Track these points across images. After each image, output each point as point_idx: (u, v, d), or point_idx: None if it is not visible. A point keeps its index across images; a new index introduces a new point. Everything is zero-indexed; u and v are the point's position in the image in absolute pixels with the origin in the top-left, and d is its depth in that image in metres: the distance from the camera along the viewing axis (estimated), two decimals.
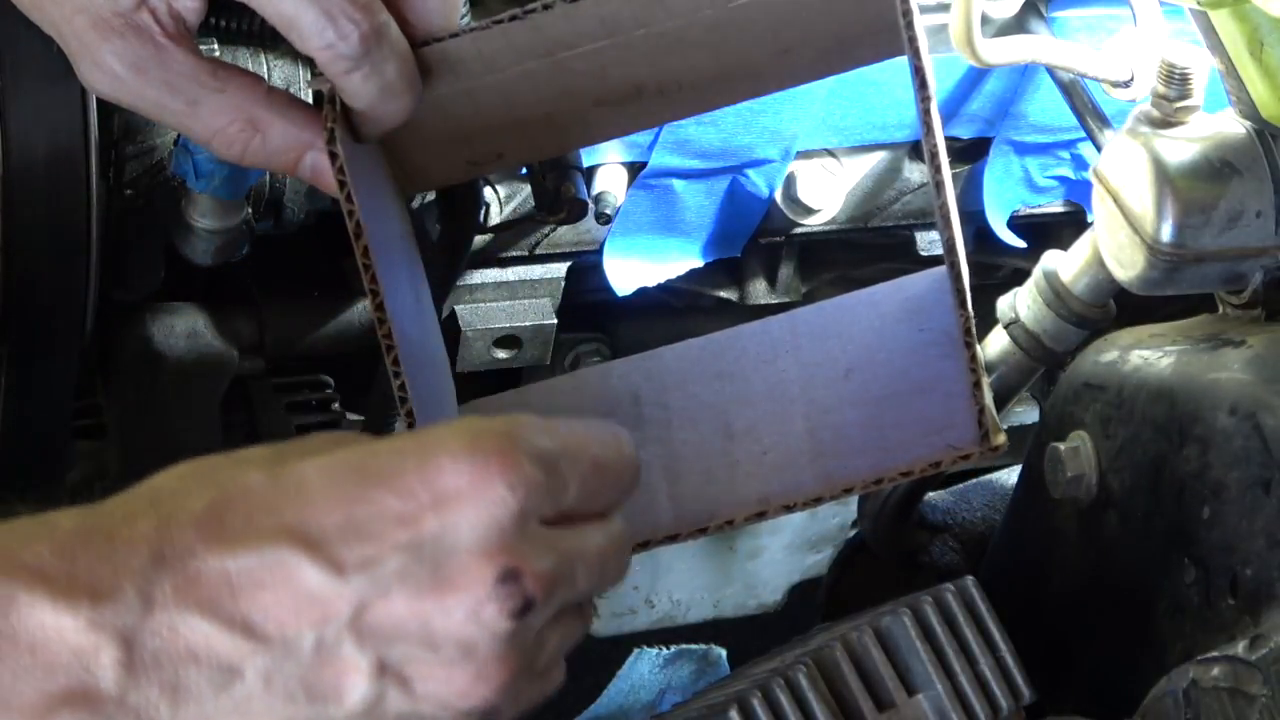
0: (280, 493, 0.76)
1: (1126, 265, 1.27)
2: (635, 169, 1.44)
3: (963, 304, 0.96)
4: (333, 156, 0.93)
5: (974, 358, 0.97)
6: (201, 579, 0.74)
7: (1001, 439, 0.98)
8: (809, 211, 1.49)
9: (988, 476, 1.60)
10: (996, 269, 1.61)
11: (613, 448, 0.84)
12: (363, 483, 0.77)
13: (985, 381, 0.97)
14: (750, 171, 1.45)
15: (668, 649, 2.12)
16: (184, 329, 1.45)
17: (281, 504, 0.76)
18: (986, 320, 1.35)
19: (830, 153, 1.49)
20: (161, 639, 0.74)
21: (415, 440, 0.78)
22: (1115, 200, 1.27)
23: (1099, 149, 1.37)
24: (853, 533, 1.75)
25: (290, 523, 0.76)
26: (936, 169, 0.95)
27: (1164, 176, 1.23)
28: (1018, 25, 1.40)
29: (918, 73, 0.94)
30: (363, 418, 1.50)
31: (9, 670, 0.72)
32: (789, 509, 0.99)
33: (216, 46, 1.30)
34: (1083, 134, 1.42)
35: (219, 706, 0.75)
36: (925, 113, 0.94)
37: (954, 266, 0.96)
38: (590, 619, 0.85)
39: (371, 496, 0.76)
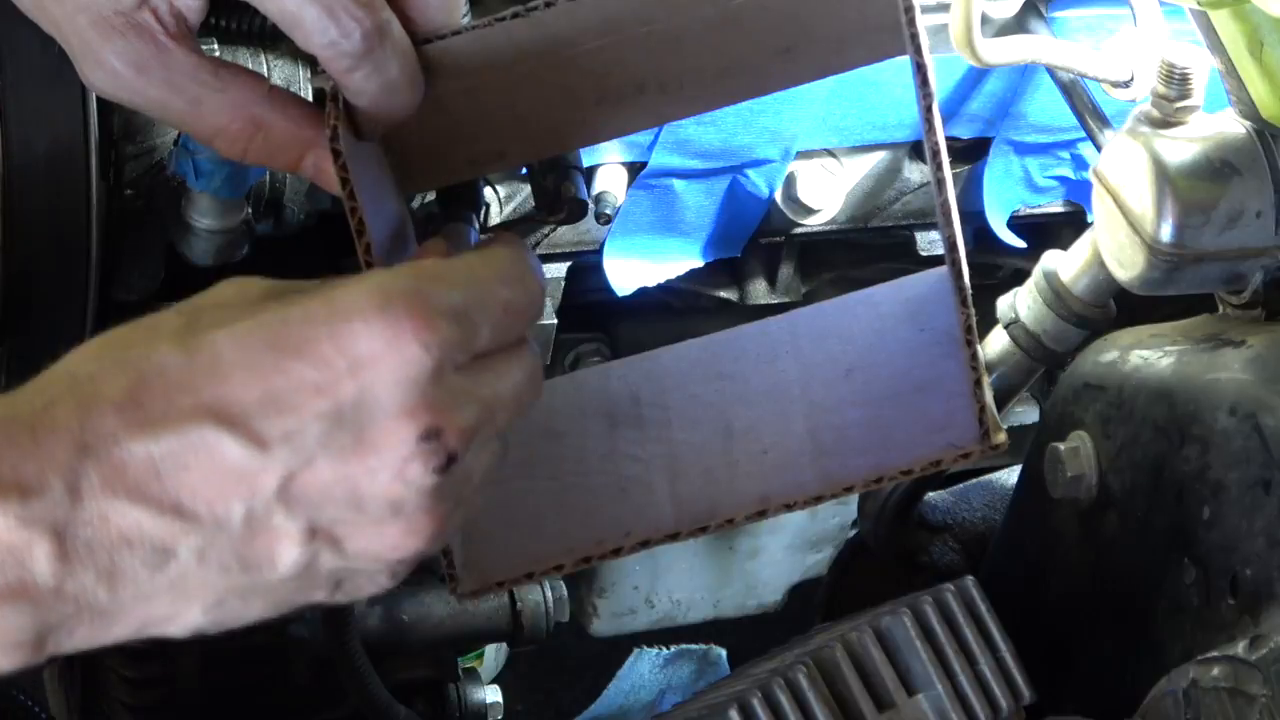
0: (196, 370, 0.77)
1: (1126, 265, 1.27)
2: (635, 169, 1.44)
3: (964, 302, 0.96)
4: (335, 154, 0.93)
5: (975, 356, 0.97)
6: (127, 465, 0.75)
7: (1002, 437, 0.98)
8: (809, 211, 1.49)
9: (988, 476, 1.60)
10: (996, 269, 1.61)
11: (519, 283, 0.85)
12: (278, 354, 0.77)
13: (986, 380, 0.97)
14: (750, 171, 1.45)
15: (668, 649, 2.13)
16: None
17: (199, 382, 0.77)
18: (986, 320, 1.35)
19: (830, 153, 1.49)
20: (93, 528, 0.75)
21: (326, 305, 0.78)
22: (1115, 200, 1.27)
23: (1099, 149, 1.37)
24: (853, 533, 1.75)
25: (209, 401, 0.76)
26: (938, 166, 0.95)
27: (1164, 176, 1.23)
28: (1018, 25, 1.40)
29: (919, 69, 0.94)
30: None
31: None
32: (789, 507, 0.99)
33: (216, 46, 1.30)
34: (1083, 134, 1.42)
35: (155, 585, 0.77)
36: (927, 110, 0.94)
37: (955, 264, 0.96)
38: (508, 443, 0.86)
39: (288, 367, 0.77)
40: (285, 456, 0.77)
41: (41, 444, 0.75)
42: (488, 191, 1.41)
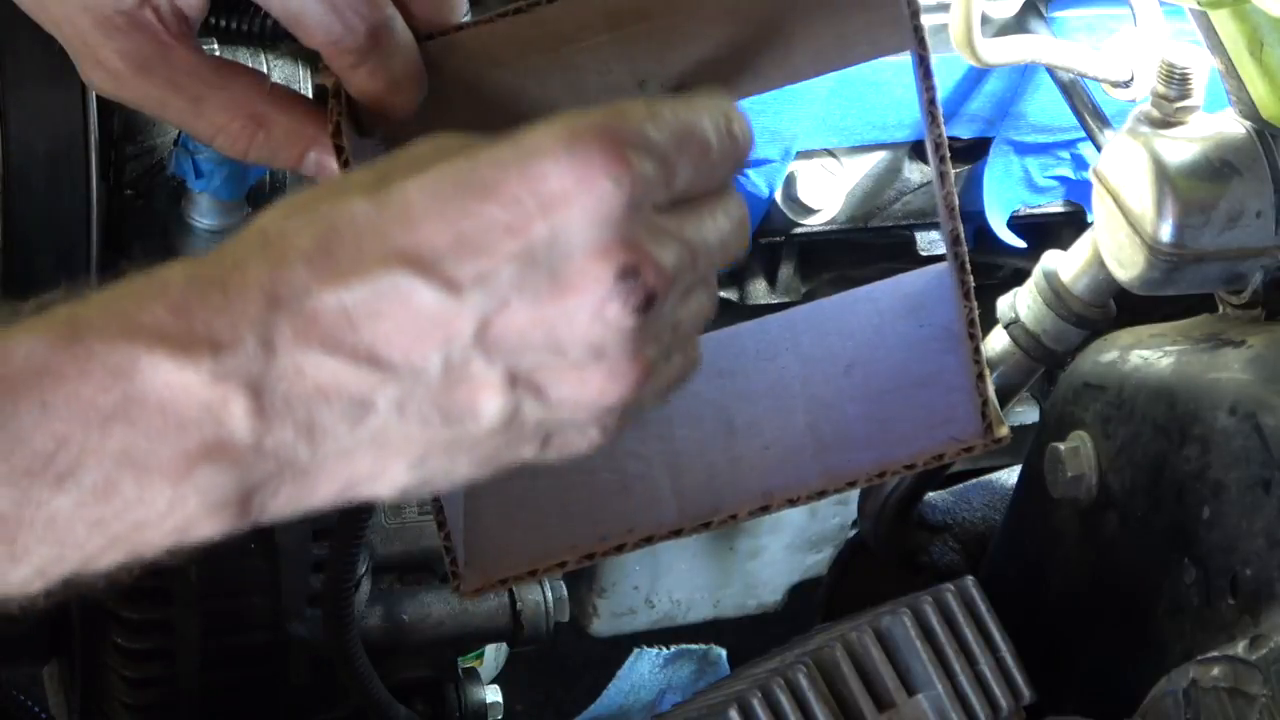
0: (386, 218, 0.75)
1: (1126, 265, 1.27)
2: None
3: (967, 295, 0.96)
4: (338, 150, 0.93)
5: (977, 350, 0.97)
6: (319, 316, 0.73)
7: (1004, 430, 0.98)
8: (809, 211, 1.49)
9: (988, 476, 1.60)
10: (996, 269, 1.61)
11: (723, 124, 0.81)
12: (467, 197, 0.75)
13: (988, 374, 0.97)
14: (750, 171, 1.45)
15: (668, 649, 2.13)
16: None
17: (388, 229, 0.74)
18: (986, 320, 1.35)
19: (830, 153, 1.49)
20: (288, 381, 0.73)
21: (514, 146, 0.76)
22: (1115, 200, 1.27)
23: (1099, 149, 1.37)
24: (853, 533, 1.75)
25: (400, 247, 0.74)
26: (940, 160, 0.95)
27: (1164, 176, 1.23)
28: (1018, 25, 1.40)
29: (922, 62, 0.94)
30: None
31: (142, 433, 0.72)
32: (792, 502, 0.99)
33: (216, 46, 1.30)
34: (1083, 134, 1.42)
35: (357, 439, 0.75)
36: (929, 103, 0.94)
37: (958, 258, 0.96)
38: (716, 293, 0.83)
39: (477, 210, 0.74)
40: (479, 300, 0.74)
41: (232, 300, 0.73)
42: None
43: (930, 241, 1.55)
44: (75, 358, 0.71)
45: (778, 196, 1.48)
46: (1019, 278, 1.45)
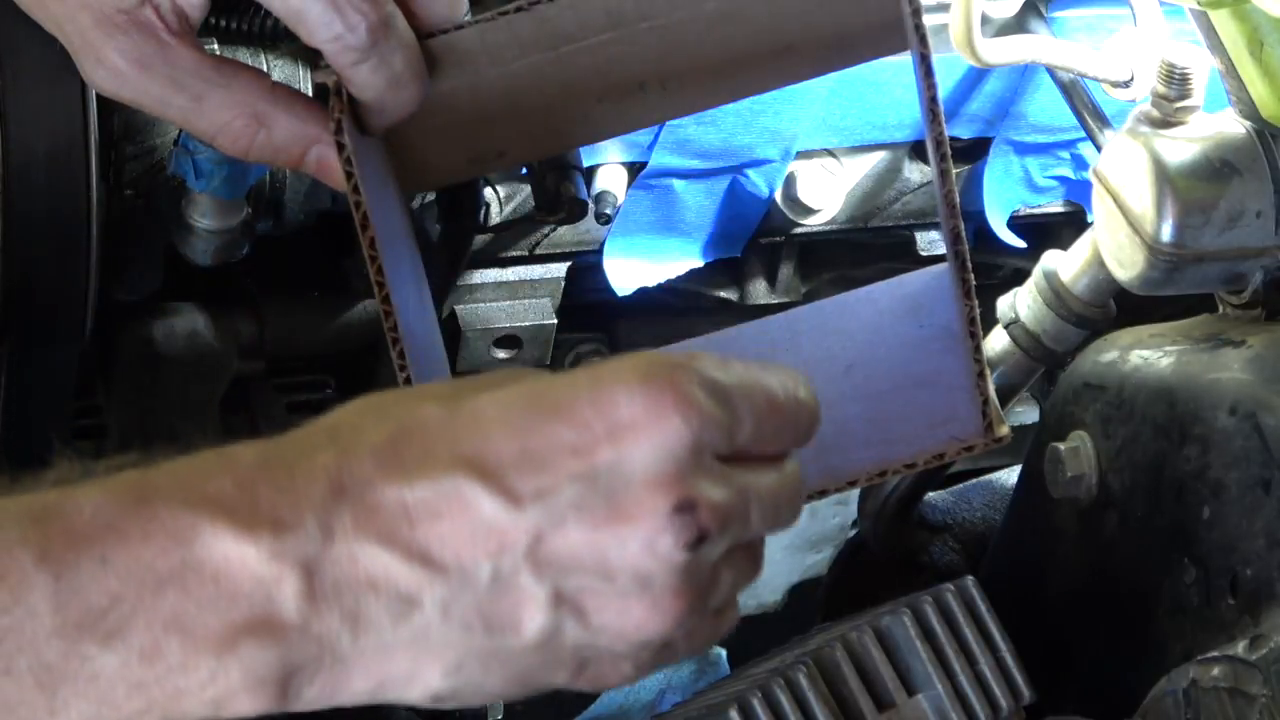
0: (457, 425, 0.76)
1: (1126, 265, 1.27)
2: (635, 169, 1.44)
3: (967, 294, 0.96)
4: (340, 148, 0.93)
5: (977, 349, 0.97)
6: (380, 509, 0.74)
7: (1005, 429, 0.98)
8: (809, 211, 1.49)
9: (988, 476, 1.60)
10: (996, 269, 1.61)
11: (790, 389, 0.83)
12: (538, 414, 0.76)
13: (988, 373, 0.97)
14: (750, 171, 1.45)
15: None
16: (184, 329, 1.45)
17: (458, 435, 0.76)
18: (986, 320, 1.35)
19: (830, 153, 1.49)
20: (341, 568, 0.74)
21: (589, 373, 0.78)
22: (1115, 200, 1.27)
23: (1099, 149, 1.37)
24: (853, 533, 1.75)
25: (466, 453, 0.75)
26: (941, 158, 0.95)
27: (1164, 176, 1.23)
28: (1018, 25, 1.40)
29: (923, 60, 0.94)
30: None
31: (193, 600, 0.73)
32: None
33: (216, 46, 1.30)
34: (1083, 134, 1.42)
35: (398, 636, 0.75)
36: (931, 101, 0.94)
37: (958, 256, 0.96)
38: (761, 561, 0.84)
39: (546, 428, 0.76)
40: (537, 515, 0.75)
41: (298, 483, 0.74)
42: (488, 191, 1.41)
43: (930, 241, 1.55)
44: (140, 519, 0.73)
45: (778, 196, 1.48)
46: (1019, 278, 1.45)
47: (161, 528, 0.73)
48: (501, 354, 1.48)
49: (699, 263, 1.51)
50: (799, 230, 1.51)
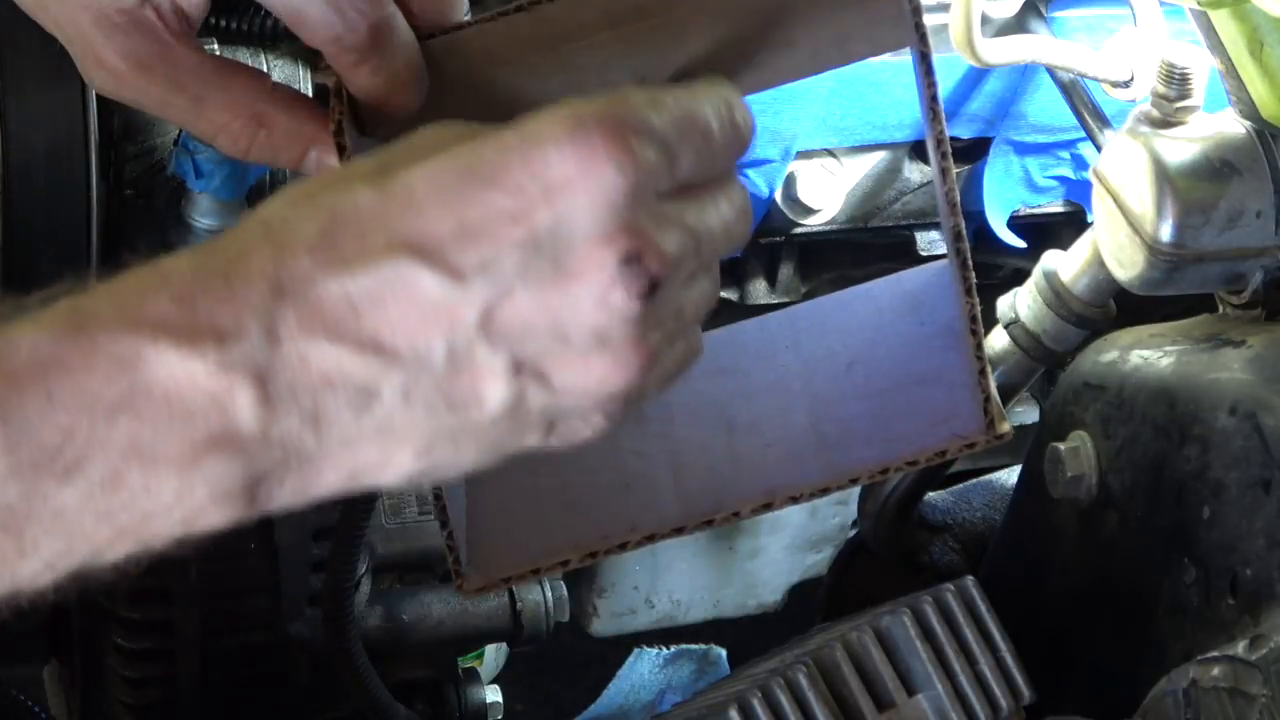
0: (389, 206, 0.75)
1: (1126, 265, 1.27)
2: None
3: (969, 291, 0.96)
4: (340, 149, 0.93)
5: (979, 346, 0.97)
6: (323, 305, 0.73)
7: (1007, 427, 0.98)
8: (809, 211, 1.49)
9: (988, 476, 1.60)
10: (996, 269, 1.61)
11: (724, 109, 0.82)
12: (470, 184, 0.75)
13: (990, 370, 0.97)
14: (750, 171, 1.45)
15: (668, 649, 2.13)
16: None
17: (392, 218, 0.75)
18: (987, 320, 1.35)
19: (830, 153, 1.49)
20: (293, 370, 0.73)
21: (517, 133, 0.76)
22: (1115, 200, 1.27)
23: (1099, 149, 1.37)
24: (853, 533, 1.75)
25: (403, 235, 0.74)
26: (942, 155, 0.95)
27: (1164, 176, 1.23)
28: (1018, 25, 1.40)
29: (923, 58, 0.94)
30: None
31: (149, 425, 0.72)
32: (795, 499, 0.98)
33: (216, 46, 1.30)
34: (1083, 134, 1.42)
35: (362, 428, 0.75)
36: (931, 99, 0.94)
37: (959, 254, 0.96)
38: (718, 281, 0.84)
39: (481, 198, 0.75)
40: (483, 288, 0.74)
41: (236, 289, 0.73)
42: None
43: (930, 241, 1.55)
44: (80, 349, 0.72)
45: (778, 196, 1.48)
46: (1019, 278, 1.45)
47: (104, 355, 0.72)
48: None
49: None
50: (799, 230, 1.51)
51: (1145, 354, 1.29)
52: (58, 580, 0.74)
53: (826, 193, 1.49)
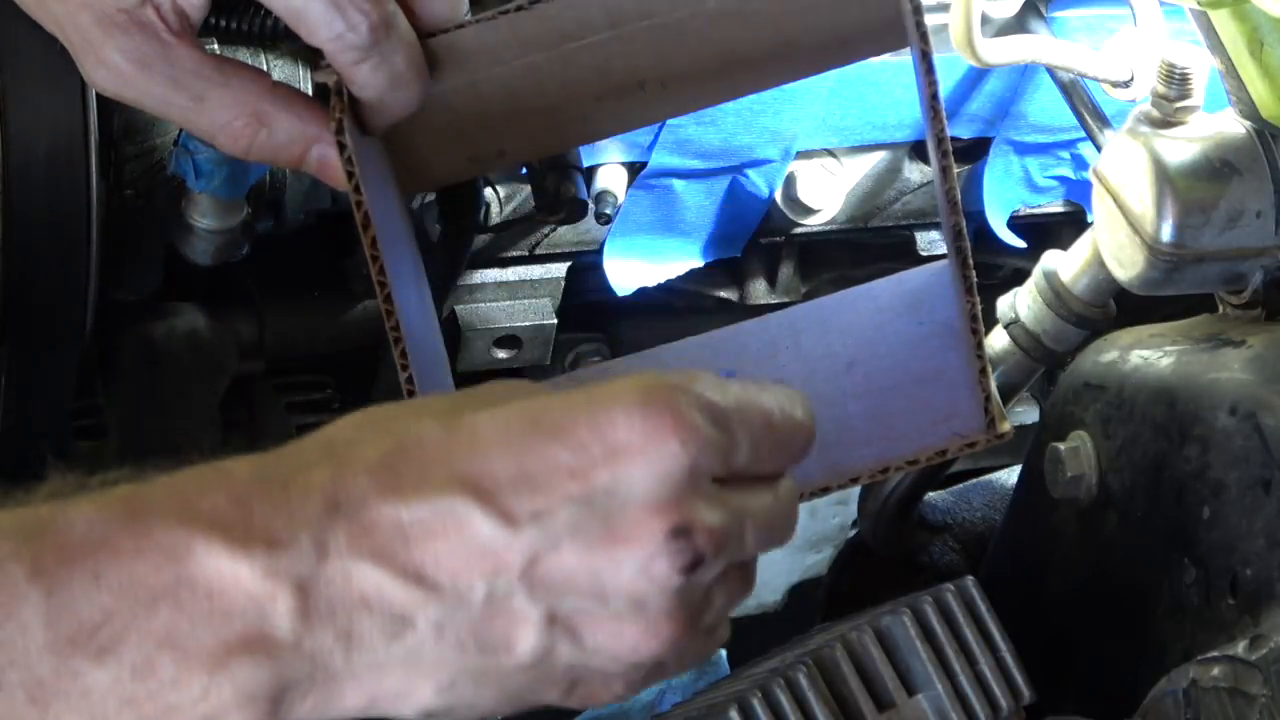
0: (454, 443, 0.76)
1: (1126, 265, 1.27)
2: (635, 169, 1.44)
3: (969, 290, 0.96)
4: (341, 147, 0.93)
5: (979, 345, 0.97)
6: (375, 528, 0.74)
7: (1007, 426, 0.98)
8: (809, 211, 1.49)
9: (988, 476, 1.60)
10: (996, 269, 1.61)
11: (787, 408, 0.83)
12: (535, 435, 0.76)
13: (990, 369, 0.97)
14: (750, 171, 1.45)
15: None
16: (184, 329, 1.45)
17: (455, 454, 0.76)
18: (987, 320, 1.35)
19: (830, 153, 1.49)
20: (335, 587, 0.74)
21: (587, 394, 0.78)
22: (1115, 200, 1.27)
23: (1099, 149, 1.37)
24: (853, 533, 1.75)
25: (463, 473, 0.75)
26: (943, 155, 0.95)
27: (1164, 176, 1.23)
28: (1018, 25, 1.40)
29: (924, 57, 0.94)
30: None
31: (186, 617, 0.73)
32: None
33: (216, 46, 1.30)
34: (1083, 134, 1.42)
35: (391, 654, 0.75)
36: (932, 97, 0.94)
37: (960, 253, 0.96)
38: (754, 580, 0.85)
39: (544, 449, 0.76)
40: (533, 536, 0.75)
41: (293, 499, 0.75)
42: (488, 191, 1.41)
43: (930, 241, 1.55)
44: (133, 535, 0.73)
45: (778, 196, 1.48)
46: (1019, 278, 1.45)
47: (155, 544, 0.73)
48: (501, 354, 1.48)
49: (699, 263, 1.51)
50: (799, 230, 1.51)
51: (1145, 354, 1.29)
52: None
53: (826, 193, 1.49)
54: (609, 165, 1.43)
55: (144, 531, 0.73)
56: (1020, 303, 1.38)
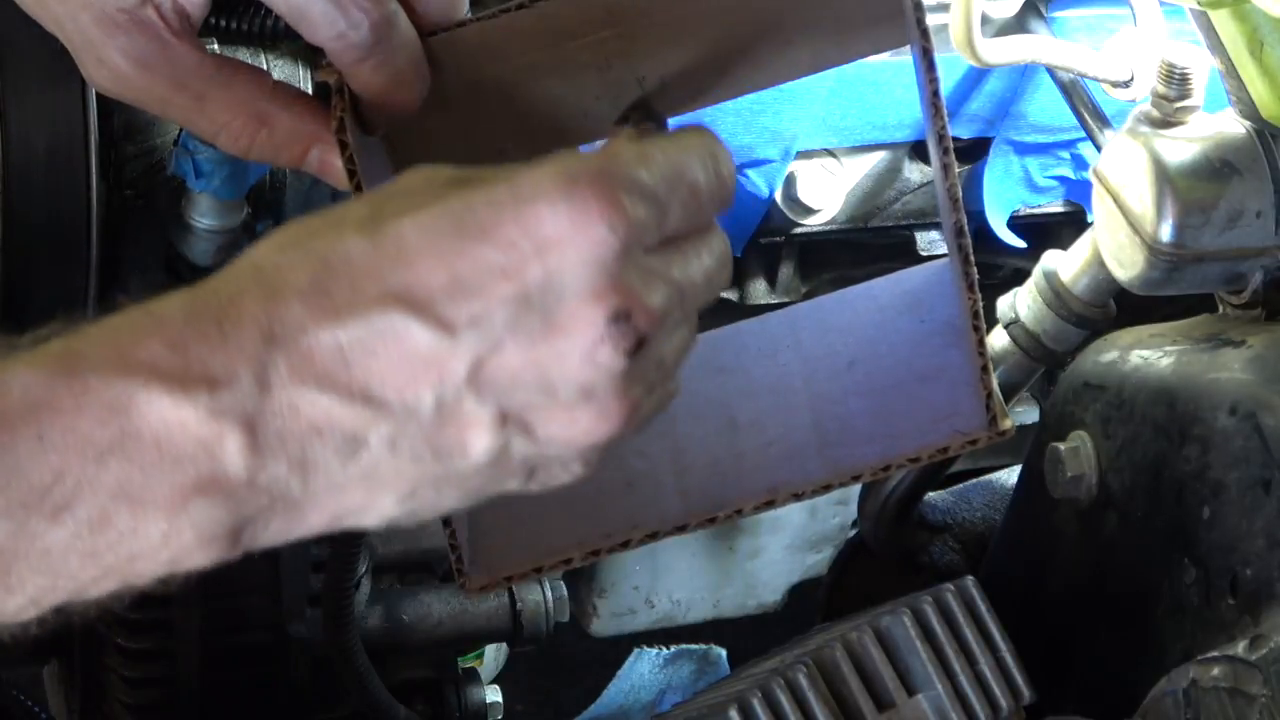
0: (381, 256, 0.76)
1: (1126, 265, 1.27)
2: None
3: (971, 287, 0.96)
4: (342, 146, 0.93)
5: (981, 343, 0.97)
6: (314, 354, 0.74)
7: (1009, 423, 0.98)
8: (809, 211, 1.49)
9: (988, 476, 1.60)
10: (996, 269, 1.61)
11: (710, 165, 0.83)
12: (463, 238, 0.76)
13: (991, 366, 0.97)
14: (750, 171, 1.45)
15: (668, 649, 2.13)
16: None
17: (384, 269, 0.76)
18: (987, 318, 1.35)
19: (830, 153, 1.49)
20: (283, 418, 0.74)
21: (510, 188, 0.77)
22: (1115, 200, 1.27)
23: (1099, 149, 1.37)
24: (853, 533, 1.75)
25: (395, 287, 0.75)
26: (944, 152, 0.95)
27: (1164, 176, 1.23)
28: (1018, 25, 1.41)
29: (925, 55, 0.94)
30: None
31: (138, 468, 0.73)
32: (798, 497, 0.99)
33: (216, 46, 1.30)
34: (1083, 134, 1.42)
35: (348, 475, 0.76)
36: (933, 95, 0.94)
37: (961, 250, 0.96)
38: (696, 326, 0.85)
39: (473, 251, 0.76)
40: (473, 341, 0.76)
41: (228, 336, 0.74)
42: None
43: (930, 241, 1.55)
44: (72, 392, 0.73)
45: (778, 196, 1.48)
46: (1019, 278, 1.45)
47: (96, 398, 0.73)
48: None
49: None
50: (799, 230, 1.51)
51: (1145, 354, 1.29)
52: (41, 614, 0.75)
53: (826, 193, 1.49)
54: None
55: (83, 387, 0.73)
56: (1020, 303, 1.38)
